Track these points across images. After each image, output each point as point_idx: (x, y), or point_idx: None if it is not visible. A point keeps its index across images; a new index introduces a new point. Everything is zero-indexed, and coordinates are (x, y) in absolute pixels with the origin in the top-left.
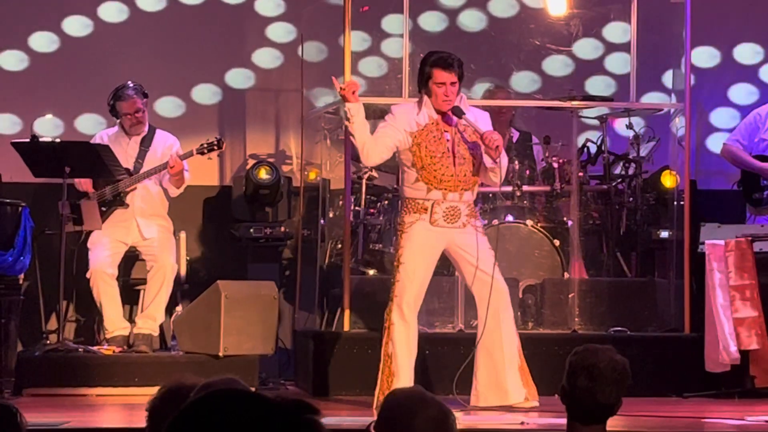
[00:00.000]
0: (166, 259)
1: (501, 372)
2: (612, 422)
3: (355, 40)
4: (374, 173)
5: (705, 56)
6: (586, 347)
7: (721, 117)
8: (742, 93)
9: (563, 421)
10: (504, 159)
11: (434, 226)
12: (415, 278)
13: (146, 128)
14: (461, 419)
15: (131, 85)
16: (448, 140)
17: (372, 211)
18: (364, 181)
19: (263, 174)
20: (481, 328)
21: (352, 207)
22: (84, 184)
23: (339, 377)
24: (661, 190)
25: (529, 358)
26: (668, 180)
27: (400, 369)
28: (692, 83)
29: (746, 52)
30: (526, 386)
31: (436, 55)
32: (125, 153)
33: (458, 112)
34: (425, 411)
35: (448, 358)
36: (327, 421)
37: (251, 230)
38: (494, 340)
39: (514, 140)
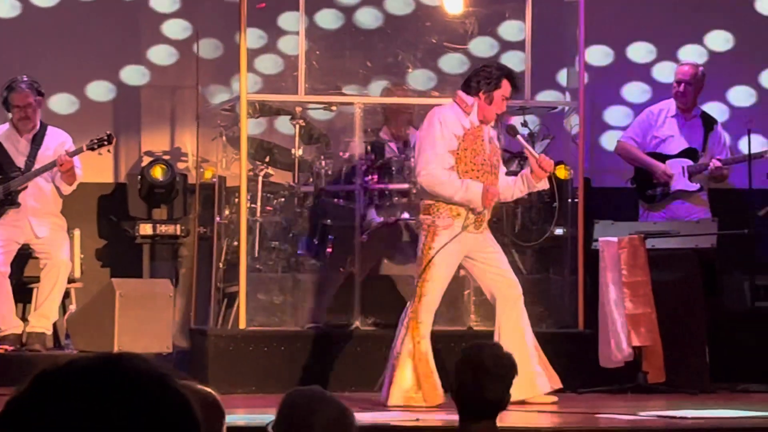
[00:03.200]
0: (60, 256)
1: (528, 366)
2: (506, 418)
3: (251, 37)
4: (270, 170)
5: (598, 55)
6: (472, 344)
7: (614, 115)
8: (635, 91)
9: (457, 417)
10: (546, 185)
11: (466, 231)
12: (443, 281)
13: (37, 125)
14: (357, 417)
15: (26, 79)
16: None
17: (268, 208)
18: (260, 179)
19: (158, 174)
20: (501, 327)
21: (248, 204)
22: None
23: (235, 374)
24: (556, 184)
25: None
26: (562, 172)
27: (434, 366)
28: (586, 81)
29: (639, 51)
30: (549, 375)
31: (509, 70)
32: (16, 151)
33: (513, 131)
34: (325, 410)
35: (345, 355)
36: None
37: (146, 228)
38: (518, 336)
39: (413, 139)
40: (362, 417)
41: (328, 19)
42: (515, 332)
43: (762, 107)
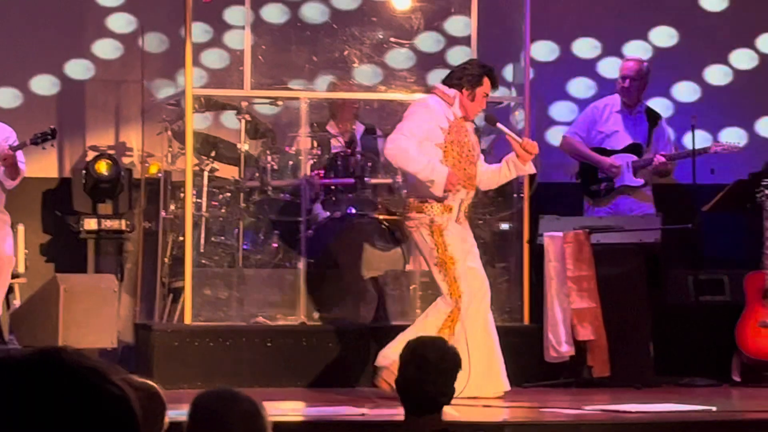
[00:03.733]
0: (3, 252)
1: (495, 362)
2: (450, 412)
3: (196, 31)
4: (216, 165)
5: (544, 50)
6: (417, 339)
7: (560, 110)
8: (580, 87)
9: (402, 411)
10: (532, 169)
11: (457, 224)
12: (465, 270)
13: None
14: (303, 411)
15: None
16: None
17: (214, 203)
18: (205, 174)
19: (103, 169)
20: (469, 322)
21: (194, 199)
22: None
23: (180, 369)
24: None
25: (371, 350)
26: None
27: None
28: (531, 77)
29: (584, 47)
30: None
31: (489, 68)
32: None
33: (492, 120)
34: (237, 407)
35: (291, 350)
36: (170, 413)
37: (91, 223)
38: (487, 332)
39: (359, 134)
40: (308, 412)
41: (274, 13)
42: (484, 328)
43: (706, 103)
